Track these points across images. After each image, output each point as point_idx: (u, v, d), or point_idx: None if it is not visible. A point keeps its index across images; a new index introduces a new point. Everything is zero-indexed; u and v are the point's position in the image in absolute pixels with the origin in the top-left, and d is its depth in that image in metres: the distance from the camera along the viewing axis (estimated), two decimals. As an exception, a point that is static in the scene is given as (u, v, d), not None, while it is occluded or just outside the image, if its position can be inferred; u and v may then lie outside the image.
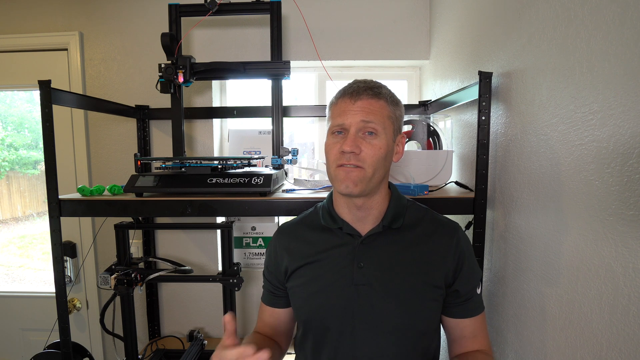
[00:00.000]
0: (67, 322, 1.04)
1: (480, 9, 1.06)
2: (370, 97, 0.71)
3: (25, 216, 1.85)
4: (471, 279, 0.77)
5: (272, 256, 0.85)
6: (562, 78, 0.70)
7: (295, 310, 0.82)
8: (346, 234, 0.78)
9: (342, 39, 1.55)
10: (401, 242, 0.76)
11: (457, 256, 0.75)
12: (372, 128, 0.70)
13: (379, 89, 0.73)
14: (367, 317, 0.73)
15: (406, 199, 0.83)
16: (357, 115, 0.70)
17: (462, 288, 0.76)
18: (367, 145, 0.70)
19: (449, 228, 0.78)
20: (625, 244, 0.56)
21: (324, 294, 0.76)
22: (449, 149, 1.23)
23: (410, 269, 0.74)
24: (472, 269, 0.77)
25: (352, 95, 0.72)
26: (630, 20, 0.54)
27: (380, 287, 0.73)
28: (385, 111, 0.72)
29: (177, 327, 1.69)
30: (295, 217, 0.89)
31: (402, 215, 0.78)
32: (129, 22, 1.57)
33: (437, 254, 0.75)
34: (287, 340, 0.90)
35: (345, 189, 0.71)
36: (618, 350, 0.58)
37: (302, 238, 0.82)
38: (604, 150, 0.60)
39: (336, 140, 0.73)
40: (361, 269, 0.74)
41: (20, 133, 1.79)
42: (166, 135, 1.59)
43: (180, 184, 1.04)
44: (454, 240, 0.76)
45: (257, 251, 1.63)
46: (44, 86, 0.95)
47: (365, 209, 0.76)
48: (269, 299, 0.87)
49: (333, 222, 0.79)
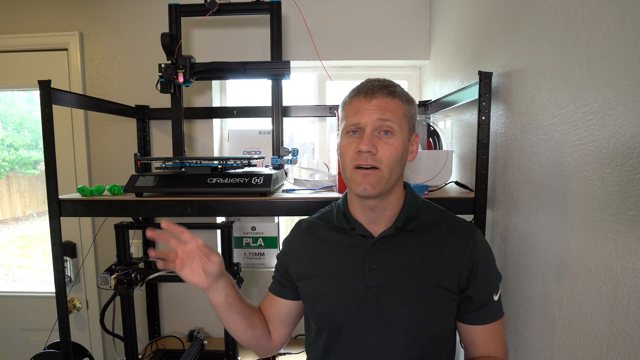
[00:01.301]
0: (67, 322, 1.04)
1: (480, 8, 1.06)
2: (385, 96, 0.70)
3: (25, 216, 1.85)
4: (487, 285, 0.73)
5: (288, 251, 0.85)
6: (562, 78, 0.70)
7: (308, 309, 0.81)
8: (359, 235, 0.77)
9: (342, 39, 1.55)
10: (414, 244, 0.75)
11: (472, 261, 0.72)
12: (389, 127, 0.69)
13: (394, 88, 0.72)
14: (378, 319, 0.72)
15: (422, 200, 0.81)
16: (373, 114, 0.69)
17: (476, 294, 0.73)
18: (383, 145, 0.69)
19: (465, 231, 0.75)
20: (625, 244, 0.56)
21: (336, 295, 0.75)
22: (449, 149, 1.23)
23: (422, 272, 0.72)
24: (489, 274, 0.74)
25: (367, 94, 0.70)
26: (630, 20, 0.54)
27: (392, 290, 0.72)
28: (401, 110, 0.71)
29: (177, 327, 1.68)
30: (316, 212, 0.89)
31: (416, 217, 0.76)
32: (129, 22, 1.57)
33: (450, 258, 0.73)
34: (279, 332, 0.86)
35: (362, 191, 0.69)
36: (618, 350, 0.58)
37: (318, 236, 0.82)
38: (604, 150, 0.60)
39: (351, 140, 0.71)
40: (373, 271, 0.73)
41: (20, 133, 1.79)
42: (166, 135, 1.59)
43: (180, 184, 1.04)
44: (470, 244, 0.73)
45: (257, 251, 1.63)
46: (44, 86, 0.95)
47: (378, 211, 0.75)
48: (275, 287, 0.87)
49: (346, 222, 0.78)
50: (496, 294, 0.75)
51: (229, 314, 0.77)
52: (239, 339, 0.82)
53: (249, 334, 0.81)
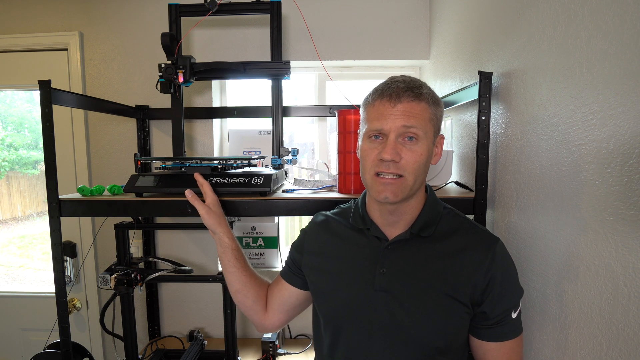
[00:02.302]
0: (67, 322, 1.04)
1: (480, 8, 1.06)
2: (411, 100, 0.66)
3: (25, 216, 1.85)
4: (504, 302, 0.68)
5: (303, 240, 0.86)
6: (562, 78, 0.70)
7: (317, 303, 0.81)
8: (374, 236, 0.75)
9: (342, 39, 1.55)
10: (429, 251, 0.71)
11: (489, 275, 0.68)
12: (413, 133, 0.66)
13: (420, 89, 0.68)
14: (384, 324, 0.70)
15: (443, 206, 0.77)
16: (397, 120, 0.65)
17: (492, 311, 0.68)
18: (407, 152, 0.66)
19: (486, 242, 0.70)
20: (625, 244, 0.56)
21: (344, 293, 0.74)
22: (449, 149, 1.23)
23: (434, 281, 0.69)
24: (507, 290, 0.69)
25: (392, 97, 0.66)
26: (630, 20, 0.54)
27: (400, 296, 0.70)
28: (427, 114, 0.67)
29: (177, 327, 1.68)
30: (335, 208, 0.89)
31: (434, 223, 0.73)
32: (129, 22, 1.57)
33: (466, 269, 0.69)
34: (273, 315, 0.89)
35: (384, 199, 0.67)
36: (618, 350, 0.58)
37: (333, 232, 0.81)
38: (604, 150, 0.60)
39: (374, 146, 0.68)
40: (383, 275, 0.71)
41: (20, 133, 1.79)
42: (166, 135, 1.59)
43: (180, 184, 1.04)
44: (489, 257, 0.68)
45: (257, 251, 1.63)
46: (44, 86, 0.95)
47: (397, 214, 0.72)
48: (286, 272, 0.89)
49: (362, 222, 0.76)
50: (515, 311, 0.70)
51: (223, 268, 0.90)
52: (233, 299, 0.91)
53: (239, 299, 0.89)
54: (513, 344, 0.70)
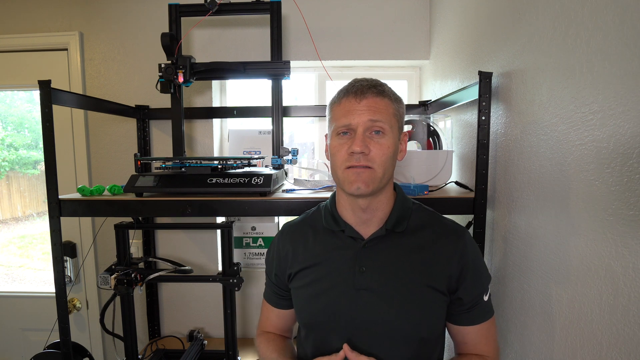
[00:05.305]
0: (67, 322, 1.04)
1: (480, 9, 1.06)
2: (375, 96, 0.70)
3: (25, 216, 1.85)
4: (476, 287, 0.74)
5: (275, 257, 0.85)
6: (562, 78, 0.70)
7: (297, 312, 0.81)
8: (348, 237, 0.76)
9: (342, 39, 1.55)
10: (404, 246, 0.75)
11: (461, 263, 0.73)
12: (380, 127, 0.69)
13: (382, 87, 0.72)
14: (368, 321, 0.72)
15: (412, 202, 0.81)
16: (364, 115, 0.69)
17: (466, 296, 0.73)
18: (375, 145, 0.69)
19: (455, 233, 0.76)
20: (625, 244, 0.56)
21: (325, 297, 0.75)
22: (449, 149, 1.23)
23: (412, 274, 0.72)
24: (478, 276, 0.74)
25: (357, 94, 0.70)
26: (630, 20, 0.54)
27: (382, 292, 0.72)
28: (391, 109, 0.71)
29: (177, 327, 1.69)
30: (298, 216, 0.89)
31: (406, 218, 0.76)
32: (128, 22, 1.57)
33: (440, 260, 0.73)
34: (291, 334, 0.92)
35: (356, 190, 0.69)
36: (618, 350, 0.58)
37: (304, 240, 0.81)
38: (604, 150, 0.60)
39: (343, 142, 0.71)
40: (363, 273, 0.73)
41: (20, 133, 1.79)
42: (166, 135, 1.59)
43: (180, 184, 1.04)
44: (459, 247, 0.74)
45: (257, 251, 1.63)
46: (44, 86, 0.95)
47: (370, 211, 0.75)
48: (275, 300, 0.87)
49: (336, 224, 0.78)
50: (486, 294, 0.76)
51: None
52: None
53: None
54: (488, 325, 0.76)
